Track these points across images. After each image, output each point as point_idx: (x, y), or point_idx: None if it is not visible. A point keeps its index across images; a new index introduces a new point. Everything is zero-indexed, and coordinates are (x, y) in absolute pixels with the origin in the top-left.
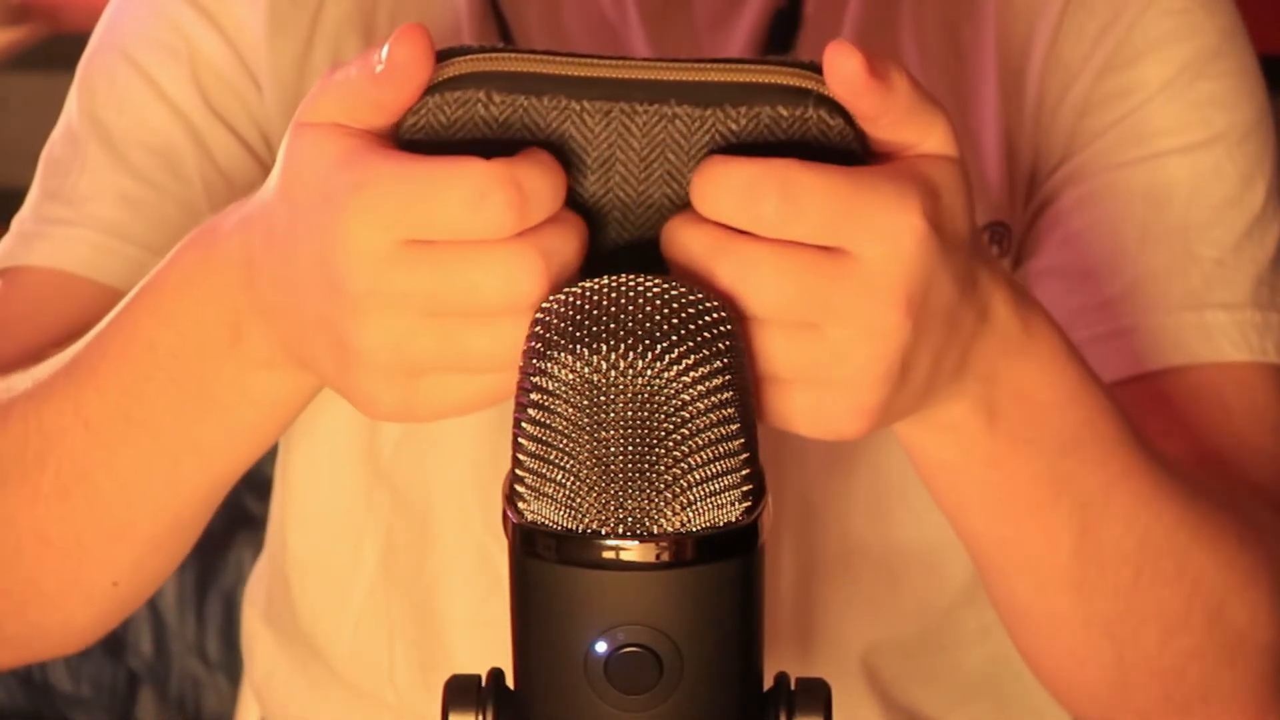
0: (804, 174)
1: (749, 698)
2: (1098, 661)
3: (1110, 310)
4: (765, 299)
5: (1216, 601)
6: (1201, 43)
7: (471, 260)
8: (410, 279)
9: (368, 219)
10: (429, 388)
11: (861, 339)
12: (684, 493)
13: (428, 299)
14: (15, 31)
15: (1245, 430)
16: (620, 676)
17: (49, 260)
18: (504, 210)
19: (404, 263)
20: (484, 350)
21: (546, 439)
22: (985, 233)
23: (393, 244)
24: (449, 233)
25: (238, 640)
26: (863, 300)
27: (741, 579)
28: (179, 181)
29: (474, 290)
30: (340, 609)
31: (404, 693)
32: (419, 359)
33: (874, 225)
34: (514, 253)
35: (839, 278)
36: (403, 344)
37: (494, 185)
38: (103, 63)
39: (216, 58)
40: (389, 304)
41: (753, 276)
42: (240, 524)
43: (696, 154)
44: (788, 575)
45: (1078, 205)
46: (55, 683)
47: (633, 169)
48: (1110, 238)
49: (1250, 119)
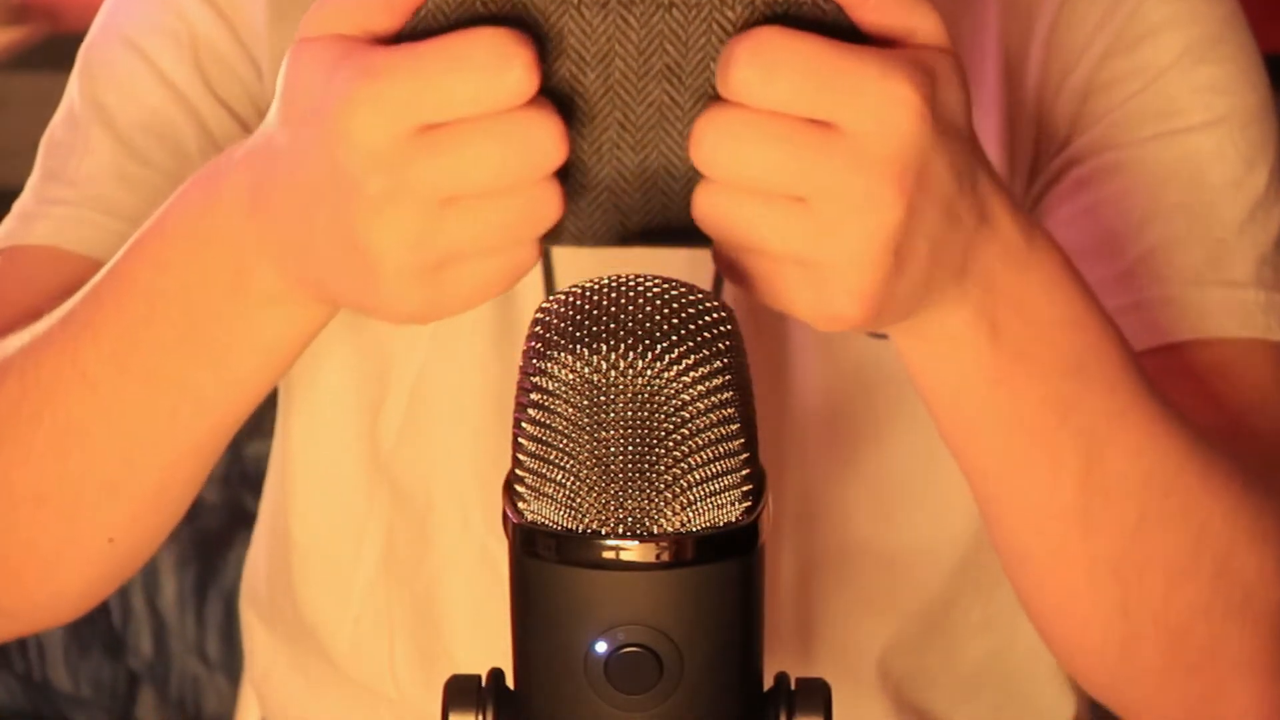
0: (781, 37)
1: (749, 698)
2: (1104, 612)
3: (1112, 286)
4: (747, 167)
5: (1223, 551)
6: (1202, 29)
7: (491, 133)
8: (428, 166)
9: (377, 106)
10: (454, 279)
11: (852, 214)
12: (684, 493)
13: (449, 184)
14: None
15: (1248, 406)
16: (620, 676)
17: (49, 239)
18: (528, 71)
19: (420, 150)
20: (506, 225)
21: (546, 439)
22: None
23: (404, 132)
24: (470, 104)
25: (238, 640)
26: (852, 173)
27: (741, 579)
28: (181, 163)
29: (497, 165)
30: (341, 602)
31: (404, 687)
32: (442, 249)
33: (862, 96)
34: (532, 118)
35: (826, 149)
36: (423, 236)
37: (515, 46)
38: (103, 47)
39: (217, 41)
40: (405, 197)
41: (732, 143)
42: (240, 524)
43: (694, 46)
44: (788, 575)
45: (1078, 186)
46: (55, 683)
47: (631, 64)
48: (1112, 217)
49: (1252, 105)
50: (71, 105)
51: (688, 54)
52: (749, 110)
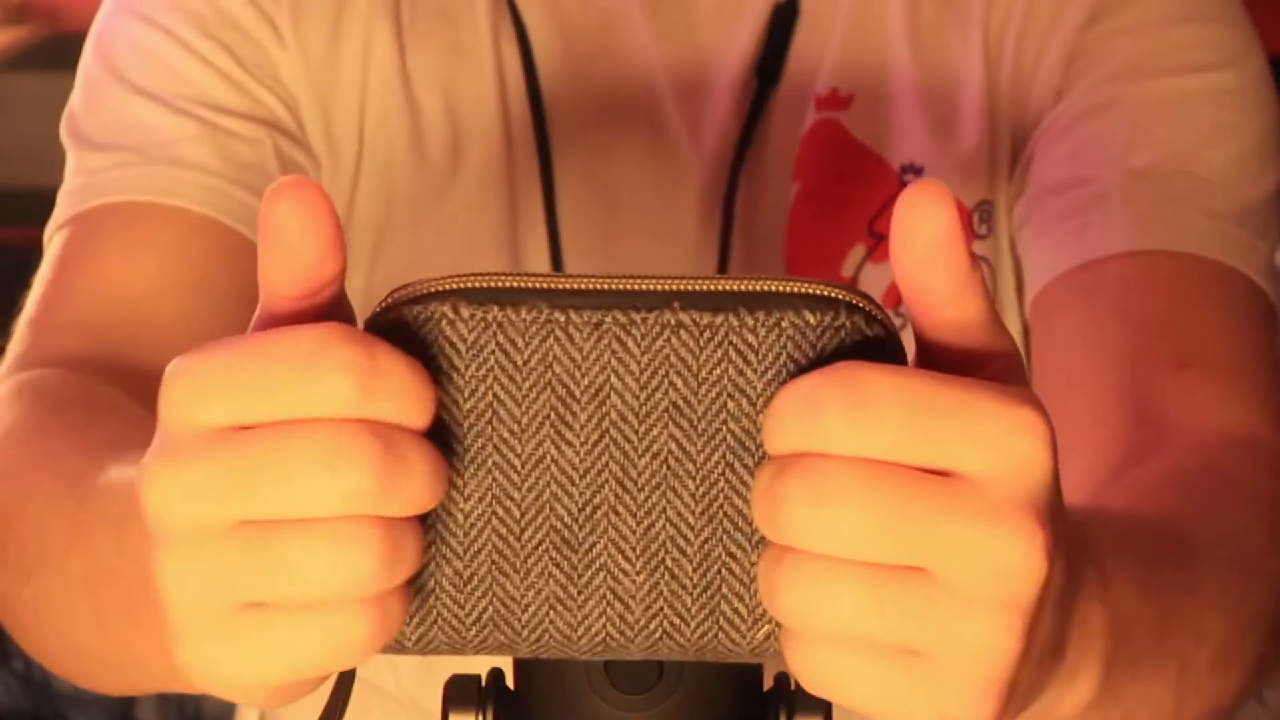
0: (876, 373)
1: (749, 698)
2: None
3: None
4: (848, 528)
5: None
6: None
7: (296, 440)
8: (216, 469)
9: (179, 389)
10: (246, 632)
11: (988, 581)
12: None
13: (237, 495)
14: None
15: (1212, 329)
16: (620, 676)
17: (118, 196)
18: (349, 370)
19: (211, 449)
20: (309, 567)
21: None
22: (975, 213)
23: (211, 426)
24: (273, 408)
25: None
26: (987, 529)
27: None
28: (221, 115)
29: (296, 480)
30: None
31: (405, 683)
32: (230, 584)
33: (983, 431)
34: (351, 432)
35: (947, 499)
36: (206, 560)
37: (339, 340)
38: (119, 28)
39: (238, 14)
40: (190, 503)
41: (827, 500)
42: None
43: (707, 378)
44: None
45: (1064, 131)
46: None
47: (631, 400)
48: (1095, 150)
49: (1247, 66)
50: (91, 89)
51: (698, 389)
52: (840, 460)
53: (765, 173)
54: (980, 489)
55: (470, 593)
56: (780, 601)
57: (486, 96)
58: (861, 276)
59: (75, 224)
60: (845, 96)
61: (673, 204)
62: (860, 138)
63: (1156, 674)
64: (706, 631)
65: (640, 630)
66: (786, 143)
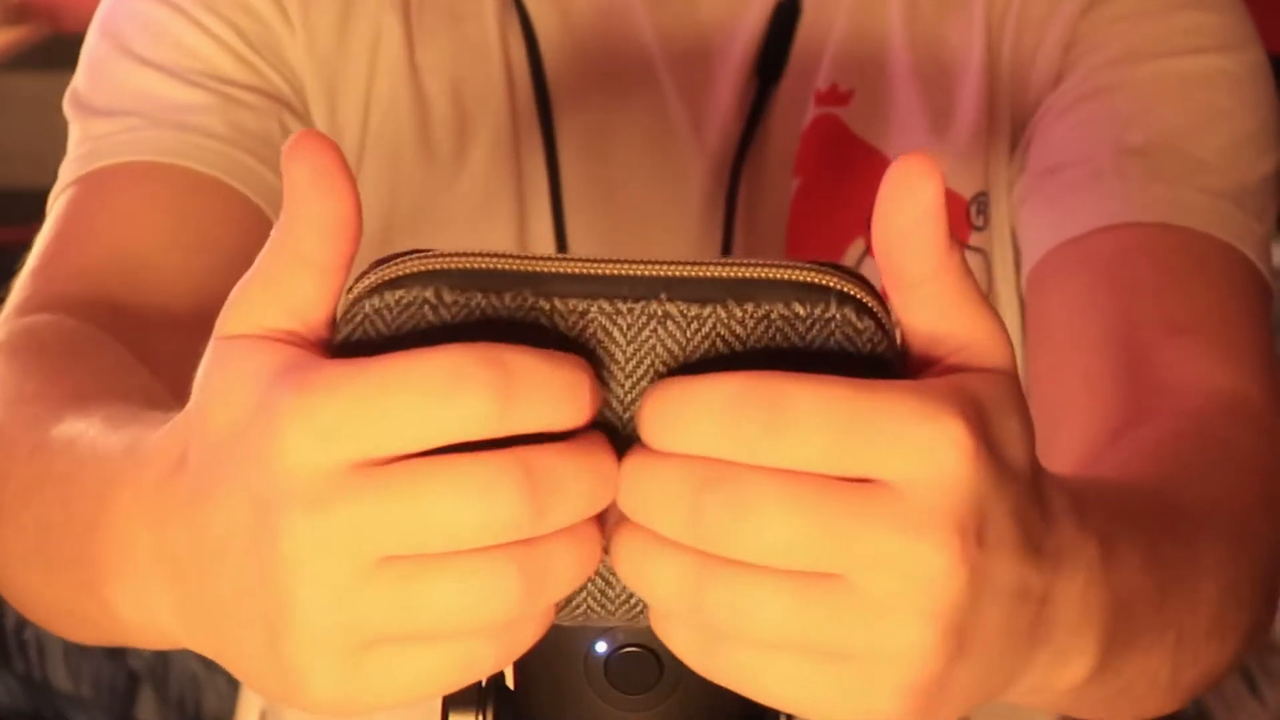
0: (797, 385)
1: (749, 698)
2: None
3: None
4: (768, 539)
5: None
6: None
7: (440, 478)
8: (372, 510)
9: (309, 425)
10: (383, 666)
11: (902, 588)
12: None
13: (382, 535)
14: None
15: (1205, 297)
16: (620, 676)
17: (125, 157)
18: (486, 392)
19: (363, 488)
20: (451, 604)
21: None
22: (971, 205)
23: (342, 464)
24: (412, 438)
25: None
26: (898, 538)
27: None
28: (228, 86)
29: (444, 518)
30: None
31: None
32: (369, 620)
33: (902, 441)
34: (497, 466)
35: (865, 509)
36: (347, 599)
37: (473, 364)
38: (126, 10)
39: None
40: (333, 544)
41: (748, 513)
42: None
43: (693, 369)
44: None
45: (1062, 114)
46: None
47: (616, 388)
48: (1093, 131)
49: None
50: (97, 64)
51: None
52: (763, 472)
53: (766, 169)
54: (900, 497)
55: None
56: (705, 607)
57: (493, 88)
58: (861, 270)
59: (80, 184)
60: (845, 92)
61: (676, 200)
62: (859, 133)
63: (1155, 646)
64: None
65: (621, 604)
66: (787, 139)
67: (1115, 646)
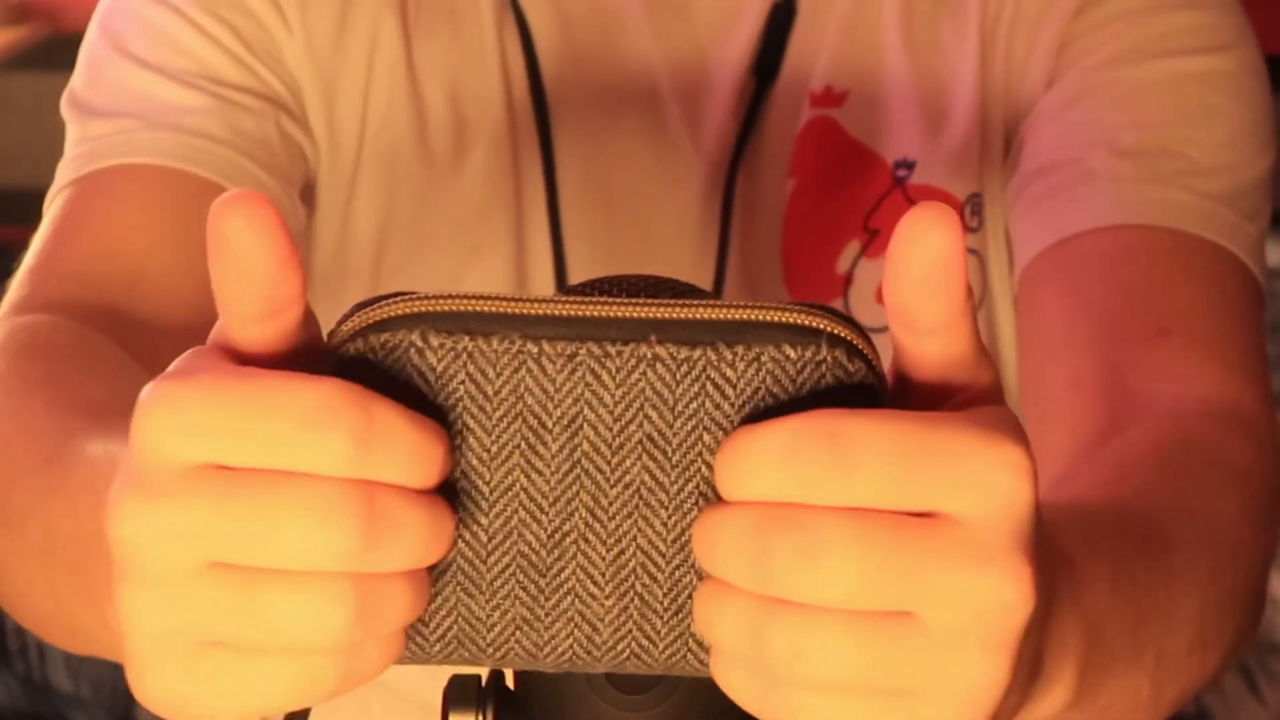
0: (855, 421)
1: None
2: None
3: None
4: (838, 578)
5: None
6: None
7: (284, 494)
8: (195, 509)
9: (171, 419)
10: (213, 669)
11: (976, 622)
12: None
13: (213, 538)
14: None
15: (1192, 299)
16: (620, 676)
17: (122, 159)
18: (347, 435)
19: (195, 485)
20: (281, 618)
21: None
22: (966, 206)
23: (190, 461)
24: (269, 457)
25: None
26: (973, 571)
27: None
28: (226, 89)
29: (277, 535)
30: None
31: (406, 676)
32: (199, 621)
33: (965, 469)
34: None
35: (934, 544)
36: (177, 595)
37: (342, 404)
38: (124, 10)
39: None
40: (164, 537)
41: (817, 553)
42: None
43: (683, 411)
44: None
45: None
46: (55, 683)
47: (604, 432)
48: (1087, 129)
49: (1240, 53)
50: (96, 64)
51: (674, 422)
52: (831, 511)
53: (762, 171)
54: (966, 530)
55: (434, 611)
56: (767, 650)
57: (490, 92)
58: (856, 272)
59: (78, 185)
60: (839, 94)
61: (673, 200)
62: (854, 134)
63: (1132, 668)
64: (675, 652)
65: (608, 650)
66: (783, 140)
67: (1091, 671)
